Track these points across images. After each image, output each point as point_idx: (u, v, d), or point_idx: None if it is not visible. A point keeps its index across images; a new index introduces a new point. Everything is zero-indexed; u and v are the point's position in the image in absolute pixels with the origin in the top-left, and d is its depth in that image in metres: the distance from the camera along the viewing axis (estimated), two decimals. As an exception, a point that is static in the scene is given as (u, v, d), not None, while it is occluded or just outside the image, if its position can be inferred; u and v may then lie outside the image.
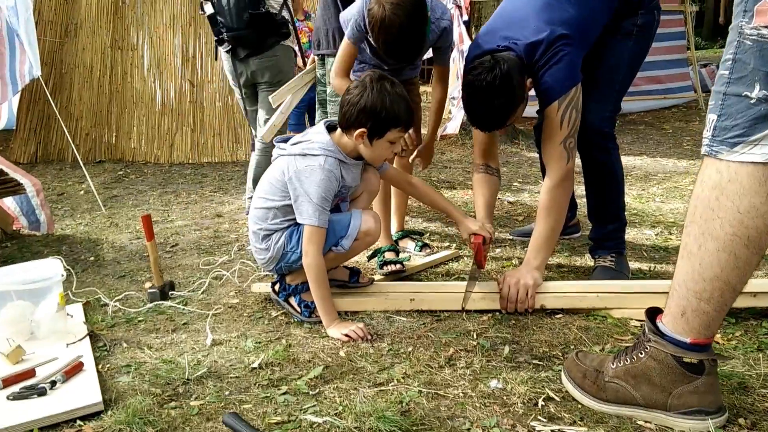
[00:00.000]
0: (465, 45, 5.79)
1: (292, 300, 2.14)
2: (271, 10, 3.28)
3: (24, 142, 5.91)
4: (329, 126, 2.09)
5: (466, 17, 6.27)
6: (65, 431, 1.49)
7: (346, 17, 2.38)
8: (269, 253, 2.10)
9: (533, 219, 2.26)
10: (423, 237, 2.94)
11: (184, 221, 3.61)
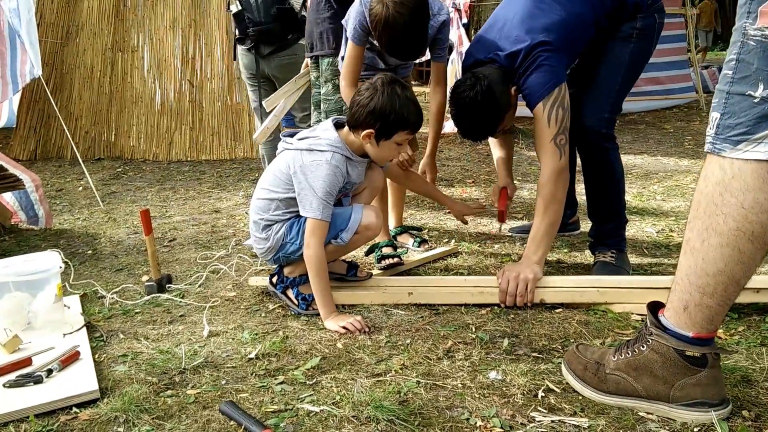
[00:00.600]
0: (464, 47, 5.80)
1: (289, 292, 2.13)
2: (295, 6, 3.44)
3: (24, 139, 5.91)
4: (337, 123, 2.09)
5: (465, 20, 6.29)
6: (61, 418, 1.48)
7: (346, 20, 2.38)
8: (268, 243, 2.09)
9: (532, 216, 2.26)
10: (422, 233, 2.93)
11: (181, 217, 3.59)
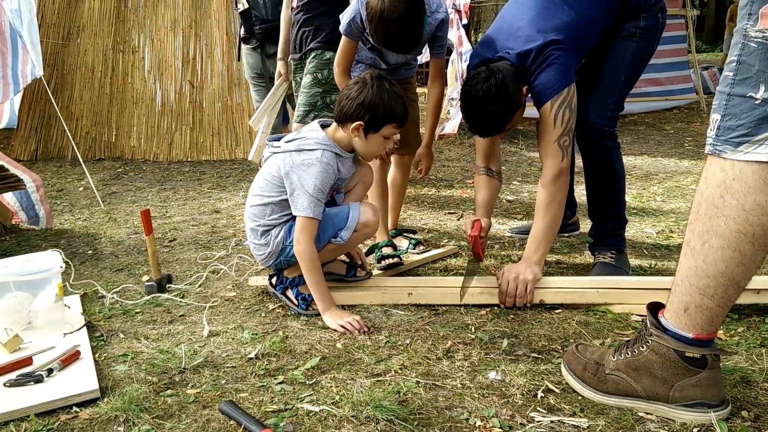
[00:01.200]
0: (464, 47, 5.79)
1: (289, 293, 2.13)
2: None
3: (24, 140, 5.91)
4: (322, 125, 2.12)
5: (465, 20, 6.28)
6: (61, 417, 1.48)
7: (342, 16, 2.41)
8: (269, 248, 2.10)
9: (532, 217, 2.26)
10: (416, 234, 2.93)
11: (182, 217, 3.60)
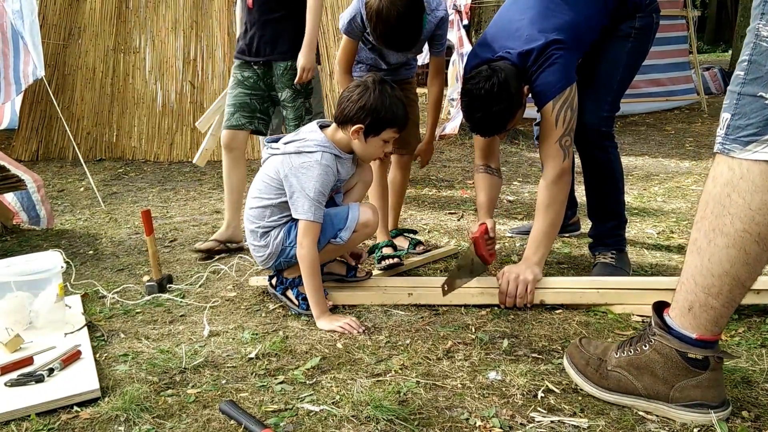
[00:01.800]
0: (465, 48, 5.79)
1: (289, 293, 2.13)
2: None
3: (26, 140, 5.92)
4: (321, 125, 2.12)
5: (465, 21, 6.29)
6: (62, 417, 1.48)
7: (342, 16, 2.42)
8: (268, 250, 2.10)
9: (533, 217, 2.26)
10: (416, 235, 2.93)
11: (182, 217, 3.60)
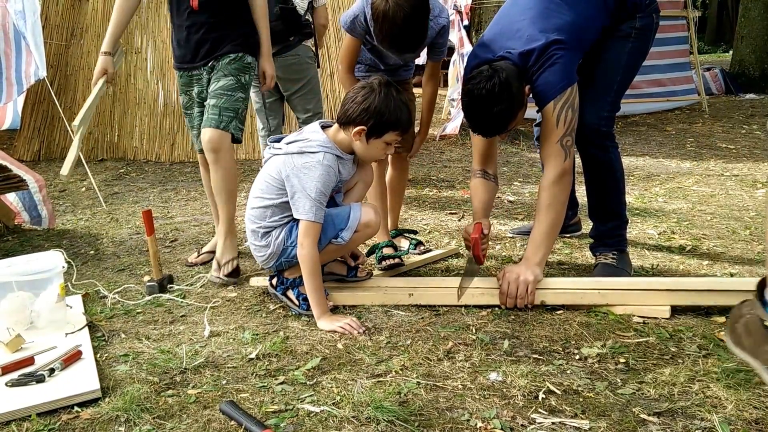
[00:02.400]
0: (465, 49, 5.80)
1: (290, 293, 2.13)
2: (298, 9, 3.40)
3: (27, 140, 5.94)
4: (323, 125, 2.12)
5: (466, 22, 6.29)
6: (63, 417, 1.49)
7: (344, 14, 2.41)
8: (269, 250, 2.11)
9: (533, 217, 2.26)
10: (417, 235, 2.93)
11: (183, 218, 3.61)
